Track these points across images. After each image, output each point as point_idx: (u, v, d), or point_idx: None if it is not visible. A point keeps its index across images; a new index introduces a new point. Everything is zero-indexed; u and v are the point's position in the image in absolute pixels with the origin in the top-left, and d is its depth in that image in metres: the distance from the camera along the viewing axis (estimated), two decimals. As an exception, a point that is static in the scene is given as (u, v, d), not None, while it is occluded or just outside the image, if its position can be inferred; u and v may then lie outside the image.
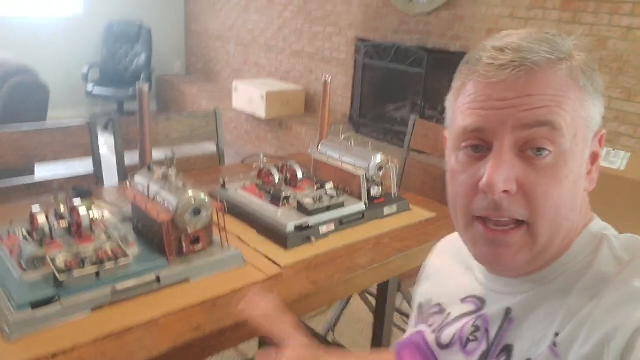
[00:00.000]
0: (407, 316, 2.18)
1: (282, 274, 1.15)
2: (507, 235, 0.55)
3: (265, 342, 0.80)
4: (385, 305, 1.55)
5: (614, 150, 2.51)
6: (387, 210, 1.45)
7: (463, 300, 0.68)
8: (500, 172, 0.53)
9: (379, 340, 1.60)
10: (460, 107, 0.58)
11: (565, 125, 0.53)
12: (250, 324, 0.85)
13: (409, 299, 1.97)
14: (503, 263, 0.57)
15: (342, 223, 1.35)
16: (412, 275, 1.69)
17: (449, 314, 0.70)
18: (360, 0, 3.87)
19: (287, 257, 1.20)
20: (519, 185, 0.54)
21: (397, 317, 2.13)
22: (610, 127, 2.70)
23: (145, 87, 1.20)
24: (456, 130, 0.58)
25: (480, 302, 0.65)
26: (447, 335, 0.67)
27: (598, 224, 0.60)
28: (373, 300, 1.93)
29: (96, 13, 5.18)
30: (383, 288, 1.55)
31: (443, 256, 0.78)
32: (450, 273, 0.73)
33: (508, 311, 0.60)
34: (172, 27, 5.77)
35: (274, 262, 1.18)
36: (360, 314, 2.31)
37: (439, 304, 0.73)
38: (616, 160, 2.46)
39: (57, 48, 5.03)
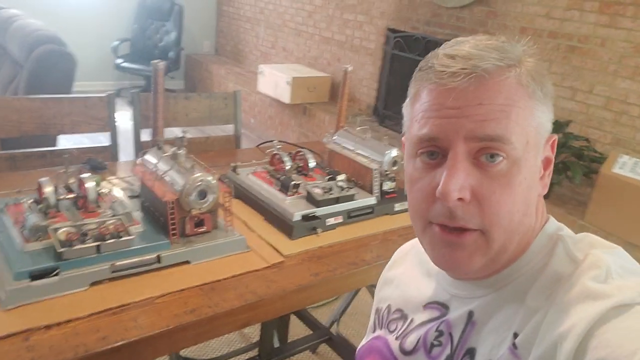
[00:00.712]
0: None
1: (283, 263, 1.13)
2: (461, 238, 0.56)
3: (267, 328, 0.82)
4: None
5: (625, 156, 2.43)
6: (398, 206, 1.42)
7: (425, 306, 0.68)
8: (454, 181, 0.53)
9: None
10: (416, 115, 0.59)
11: (515, 138, 0.54)
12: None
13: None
14: (458, 265, 0.57)
15: (350, 216, 1.33)
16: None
17: (411, 320, 0.70)
18: (393, -10, 3.80)
19: (291, 247, 1.19)
20: (473, 193, 0.54)
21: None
22: (629, 136, 2.61)
23: (161, 65, 1.19)
24: (412, 138, 0.59)
25: (444, 307, 0.66)
26: (410, 341, 0.67)
27: (553, 225, 0.61)
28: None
29: (130, -13, 5.21)
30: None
31: (405, 263, 0.79)
32: (412, 279, 0.73)
33: (470, 314, 0.61)
34: (203, 7, 5.77)
35: (277, 250, 1.17)
36: (365, 306, 2.29)
37: (399, 310, 0.73)
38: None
39: (89, 20, 5.07)
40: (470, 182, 0.54)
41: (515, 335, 0.54)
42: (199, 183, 1.08)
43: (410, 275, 0.74)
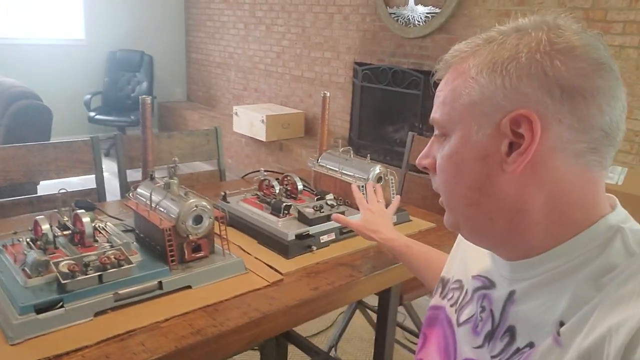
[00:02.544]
0: (411, 332, 2.17)
1: (283, 281, 1.15)
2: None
3: (267, 358, 0.86)
4: (387, 319, 1.55)
5: (611, 165, 2.53)
6: (386, 220, 1.46)
7: (474, 277, 0.71)
8: (421, 153, 0.68)
9: (380, 357, 1.59)
10: None
11: (445, 118, 0.62)
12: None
13: (411, 313, 1.97)
14: (447, 224, 0.68)
15: (342, 232, 1.36)
16: (414, 288, 1.69)
17: (466, 291, 0.72)
18: (357, 25, 3.96)
19: (289, 265, 1.21)
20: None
21: (400, 334, 2.12)
22: (607, 144, 2.73)
23: (148, 99, 1.23)
24: None
25: (490, 282, 0.67)
26: (466, 313, 0.69)
27: (618, 216, 0.58)
28: (375, 317, 1.93)
29: (98, 40, 5.28)
30: (384, 300, 1.55)
31: None
32: (475, 252, 0.73)
33: (512, 293, 0.61)
34: (173, 56, 5.88)
35: (275, 269, 1.19)
36: (362, 331, 2.29)
37: (459, 280, 0.75)
38: (614, 176, 2.48)
39: (60, 75, 5.11)
40: (435, 156, 0.65)
41: (562, 324, 0.53)
42: (194, 208, 1.10)
43: (473, 247, 0.74)
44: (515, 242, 0.60)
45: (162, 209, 1.13)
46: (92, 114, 4.91)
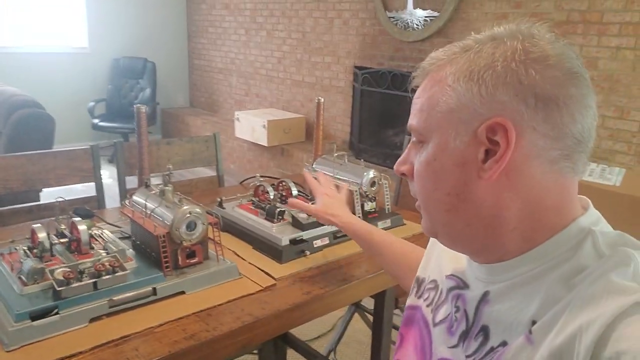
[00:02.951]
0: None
1: (276, 285, 1.17)
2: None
3: (264, 356, 0.87)
4: (382, 322, 1.56)
5: (609, 167, 2.54)
6: (381, 224, 1.48)
7: (448, 276, 0.72)
8: (399, 160, 0.69)
9: (376, 359, 1.60)
10: None
11: (420, 125, 0.63)
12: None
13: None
14: (424, 230, 0.69)
15: (336, 237, 1.38)
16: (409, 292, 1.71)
17: (441, 290, 0.73)
18: (357, 30, 3.98)
19: (282, 270, 1.23)
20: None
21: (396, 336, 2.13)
22: (605, 145, 2.74)
23: (143, 107, 1.25)
24: None
25: (463, 283, 0.68)
26: (441, 313, 0.71)
27: (589, 218, 0.60)
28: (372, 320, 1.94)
29: (101, 48, 5.34)
30: (379, 304, 1.56)
31: None
32: (450, 251, 0.74)
33: (486, 293, 0.63)
34: (175, 62, 5.92)
35: (268, 274, 1.21)
36: (360, 335, 2.30)
37: (434, 280, 0.77)
38: (612, 177, 2.48)
39: (64, 82, 5.16)
40: (412, 163, 0.66)
41: (533, 322, 0.55)
42: (188, 215, 1.12)
43: (448, 250, 0.76)
44: (492, 247, 0.61)
45: (157, 216, 1.15)
46: (95, 121, 4.95)
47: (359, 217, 1.45)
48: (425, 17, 3.44)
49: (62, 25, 5.16)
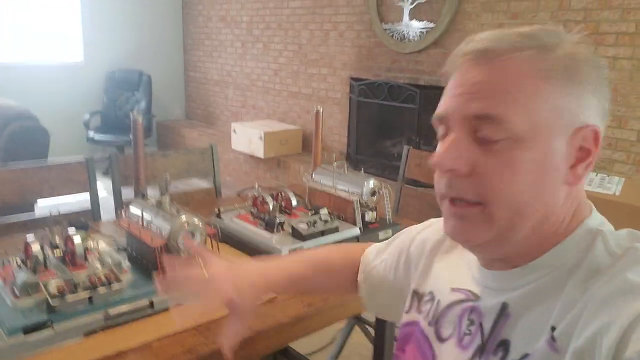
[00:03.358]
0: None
1: (276, 298, 1.14)
2: (467, 210, 0.58)
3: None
4: (384, 335, 1.53)
5: (608, 176, 2.53)
6: (382, 234, 1.46)
7: (454, 289, 0.68)
8: (447, 153, 0.57)
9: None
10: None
11: (515, 118, 0.54)
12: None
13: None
14: (465, 235, 0.60)
15: (336, 248, 1.35)
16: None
17: (438, 301, 0.70)
18: (352, 42, 3.99)
19: (282, 282, 1.20)
20: (473, 169, 0.56)
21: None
22: (604, 155, 2.73)
23: (139, 117, 1.23)
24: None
25: (472, 294, 0.65)
26: (446, 328, 0.67)
27: (595, 220, 0.60)
28: (374, 333, 1.91)
29: (96, 61, 5.32)
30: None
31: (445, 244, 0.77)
32: (450, 264, 0.72)
33: (504, 306, 0.60)
34: (171, 75, 5.92)
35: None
36: (361, 348, 2.27)
37: (431, 292, 0.73)
38: (611, 186, 2.48)
39: (59, 95, 5.14)
40: (470, 157, 0.56)
41: (553, 329, 0.53)
42: (186, 226, 1.10)
43: (449, 260, 0.73)
44: (526, 252, 0.59)
45: (154, 227, 1.13)
46: (90, 133, 4.92)
47: (360, 227, 1.43)
48: (421, 28, 3.45)
49: (57, 38, 5.15)
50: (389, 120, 3.86)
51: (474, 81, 0.57)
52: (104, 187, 1.80)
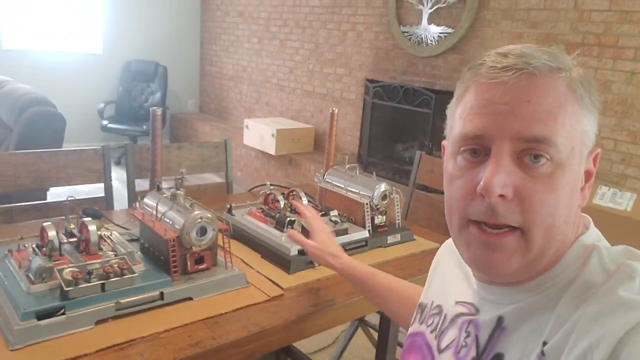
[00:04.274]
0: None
1: (284, 296, 1.15)
2: (502, 239, 0.56)
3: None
4: (387, 338, 1.54)
5: (620, 191, 2.52)
6: (390, 239, 1.46)
7: (457, 303, 0.69)
8: (498, 177, 0.54)
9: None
10: (461, 113, 0.60)
11: (560, 141, 0.54)
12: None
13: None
14: (495, 267, 0.57)
15: (345, 249, 1.34)
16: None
17: (445, 315, 0.71)
18: (370, 43, 3.99)
19: (290, 281, 1.21)
20: (516, 192, 0.55)
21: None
22: (617, 170, 2.72)
23: (159, 111, 1.25)
24: (456, 136, 0.60)
25: (474, 308, 0.66)
26: (447, 339, 0.68)
27: (592, 236, 0.61)
28: (377, 336, 1.92)
29: (115, 52, 5.37)
30: (385, 319, 1.54)
31: (450, 258, 0.78)
32: (455, 277, 0.73)
33: (500, 320, 0.61)
34: (187, 67, 5.95)
35: (276, 284, 1.19)
36: (363, 350, 2.28)
37: (439, 305, 0.74)
38: (623, 202, 2.46)
39: (76, 83, 5.20)
40: (513, 181, 0.54)
41: (544, 344, 0.54)
42: (199, 220, 1.11)
43: (454, 273, 0.74)
44: (543, 263, 0.59)
45: (168, 220, 1.14)
46: (105, 122, 4.97)
47: (369, 230, 1.44)
48: (440, 33, 3.45)
49: (77, 26, 5.20)
50: (402, 124, 3.86)
51: (521, 100, 0.55)
52: (115, 177, 1.82)
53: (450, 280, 0.74)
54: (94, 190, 1.79)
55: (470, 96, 0.59)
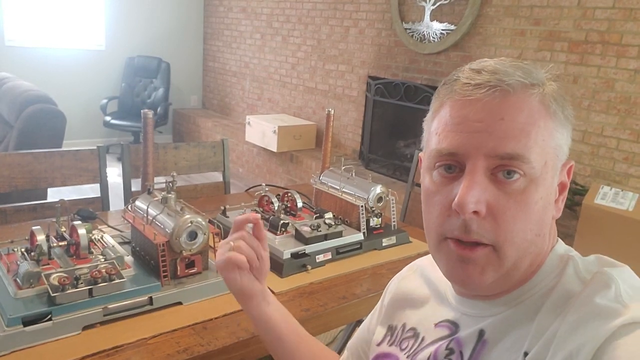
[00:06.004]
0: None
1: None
2: (473, 252, 0.56)
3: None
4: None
5: (622, 191, 2.49)
6: (386, 241, 1.45)
7: (437, 325, 0.68)
8: (471, 193, 0.54)
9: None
10: (436, 129, 0.60)
11: (534, 157, 0.55)
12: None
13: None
14: (471, 280, 0.57)
15: (339, 252, 1.35)
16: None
17: (422, 338, 0.69)
18: (372, 40, 3.96)
19: (282, 284, 1.21)
20: (489, 208, 0.55)
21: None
22: (620, 169, 2.69)
23: (150, 113, 1.23)
24: (432, 151, 0.60)
25: (454, 325, 0.65)
26: (421, 358, 0.67)
27: (563, 247, 0.62)
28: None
29: (117, 47, 5.37)
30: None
31: (418, 279, 0.77)
32: (426, 298, 0.73)
33: (481, 333, 0.60)
34: (190, 63, 5.94)
35: (268, 288, 1.18)
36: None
37: (413, 328, 0.72)
38: (625, 201, 2.44)
39: (78, 79, 5.20)
40: (487, 197, 0.55)
41: (525, 354, 0.54)
42: (189, 225, 1.10)
43: (424, 295, 0.73)
44: (518, 276, 0.59)
45: (158, 223, 1.13)
46: (107, 118, 4.97)
47: (364, 233, 1.43)
48: (442, 30, 3.42)
49: (79, 22, 5.19)
50: (403, 121, 3.84)
51: (495, 118, 0.55)
52: (117, 173, 1.81)
53: (423, 302, 0.73)
54: (96, 189, 1.78)
55: (445, 112, 0.59)
